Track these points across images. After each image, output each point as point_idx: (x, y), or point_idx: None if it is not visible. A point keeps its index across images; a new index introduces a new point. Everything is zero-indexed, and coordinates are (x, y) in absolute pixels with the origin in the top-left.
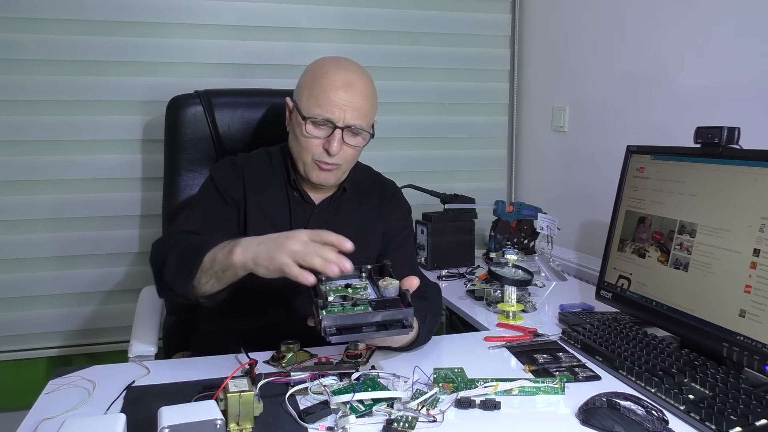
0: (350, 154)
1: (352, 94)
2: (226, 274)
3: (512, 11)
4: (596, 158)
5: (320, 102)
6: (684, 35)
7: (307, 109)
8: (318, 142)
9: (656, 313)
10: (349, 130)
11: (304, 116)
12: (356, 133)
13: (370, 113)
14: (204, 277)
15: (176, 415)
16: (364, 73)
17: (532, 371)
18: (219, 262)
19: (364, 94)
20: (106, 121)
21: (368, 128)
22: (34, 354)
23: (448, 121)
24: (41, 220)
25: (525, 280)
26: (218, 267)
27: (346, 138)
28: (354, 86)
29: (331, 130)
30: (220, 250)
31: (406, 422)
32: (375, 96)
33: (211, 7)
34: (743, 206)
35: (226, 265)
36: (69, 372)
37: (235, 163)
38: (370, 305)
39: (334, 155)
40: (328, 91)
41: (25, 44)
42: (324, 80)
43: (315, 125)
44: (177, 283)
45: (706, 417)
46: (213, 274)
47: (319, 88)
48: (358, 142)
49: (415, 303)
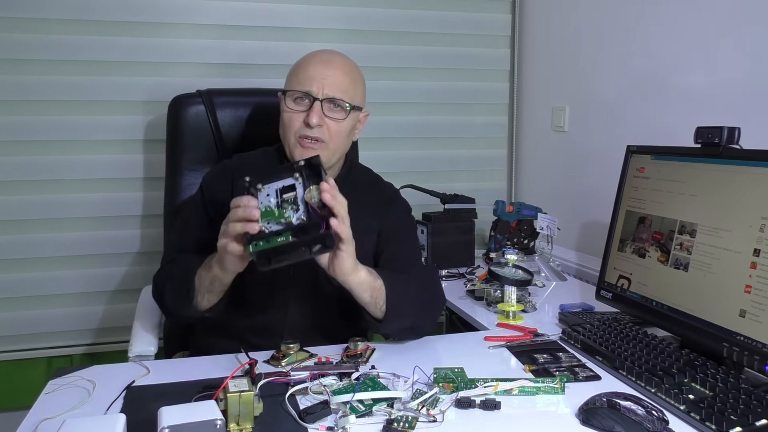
0: (334, 130)
1: (331, 68)
2: (214, 285)
3: (512, 11)
4: (596, 158)
5: (300, 78)
6: (684, 35)
7: (289, 86)
8: (298, 116)
9: (656, 313)
10: (329, 102)
11: (285, 91)
12: (337, 105)
13: (352, 90)
14: (200, 295)
15: (176, 415)
16: (347, 58)
17: (532, 371)
18: (204, 277)
19: (344, 70)
20: (107, 121)
21: (351, 102)
22: (34, 354)
23: (448, 121)
24: (41, 220)
25: (525, 280)
26: (207, 282)
27: (327, 111)
28: (333, 62)
29: (311, 103)
30: (203, 267)
31: (406, 422)
32: (358, 76)
33: (212, 6)
34: (743, 206)
35: (211, 278)
36: (69, 372)
37: (226, 166)
38: (291, 234)
39: (314, 127)
40: (306, 67)
41: (25, 44)
42: (304, 60)
43: (295, 100)
44: (180, 308)
45: (706, 417)
46: (205, 289)
47: (298, 67)
48: (339, 115)
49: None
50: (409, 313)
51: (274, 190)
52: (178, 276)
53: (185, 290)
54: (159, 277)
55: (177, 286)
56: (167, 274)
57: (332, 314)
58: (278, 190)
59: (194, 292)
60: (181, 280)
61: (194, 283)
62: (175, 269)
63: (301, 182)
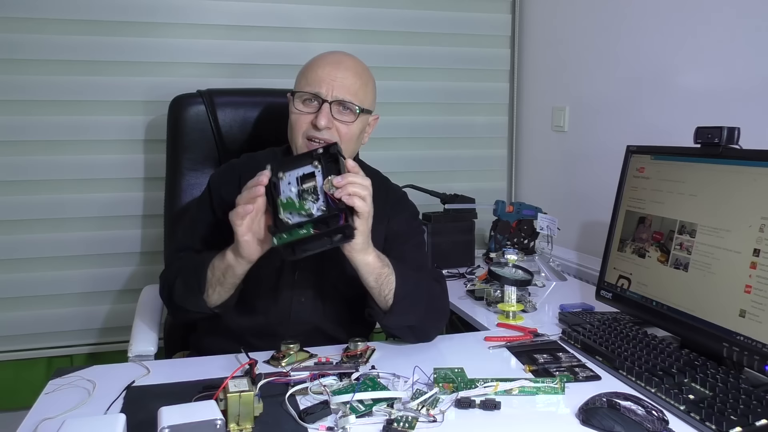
0: (344, 132)
1: (341, 70)
2: (227, 276)
3: (512, 11)
4: (596, 158)
5: (309, 79)
6: (684, 35)
7: (298, 88)
8: (306, 118)
9: (656, 313)
10: (338, 104)
11: (294, 92)
12: (347, 107)
13: (362, 92)
14: (210, 288)
15: (176, 415)
16: (357, 59)
17: (532, 371)
18: (217, 268)
19: (354, 71)
20: (107, 121)
21: (361, 105)
22: (34, 354)
23: (448, 121)
24: (41, 220)
25: (525, 280)
26: (219, 273)
27: (336, 113)
28: (343, 64)
29: (320, 105)
30: (216, 258)
31: (406, 422)
32: (368, 79)
33: (212, 6)
34: (743, 206)
35: (225, 267)
36: (69, 372)
37: (233, 166)
38: (312, 226)
39: (322, 129)
40: (316, 68)
41: (25, 44)
42: (314, 62)
43: (304, 102)
44: (189, 302)
45: (706, 417)
46: (216, 282)
47: (308, 68)
48: (349, 118)
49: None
50: (415, 312)
51: (294, 178)
52: (188, 270)
53: (196, 284)
54: (167, 275)
55: (187, 279)
56: (176, 270)
57: (336, 316)
58: (298, 177)
59: (205, 285)
60: (191, 274)
61: (206, 277)
62: (185, 265)
63: (320, 170)
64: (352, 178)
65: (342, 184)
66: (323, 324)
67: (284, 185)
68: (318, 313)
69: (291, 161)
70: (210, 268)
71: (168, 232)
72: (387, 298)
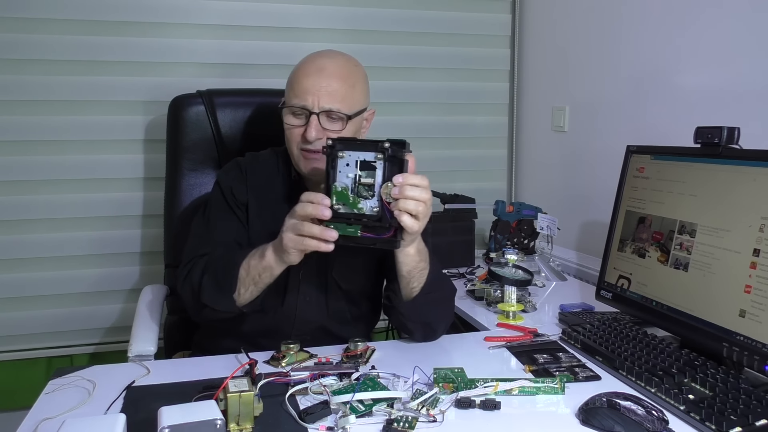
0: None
1: (324, 78)
2: (263, 276)
3: (512, 11)
4: (596, 158)
5: (296, 91)
6: (684, 35)
7: (287, 101)
8: (297, 131)
9: (656, 313)
10: (326, 115)
11: (283, 107)
12: (334, 116)
13: (350, 96)
14: (243, 287)
15: (176, 415)
16: (343, 59)
17: (532, 371)
18: (254, 267)
19: (338, 76)
20: (107, 121)
21: (350, 112)
22: (34, 354)
23: (448, 121)
24: (41, 220)
25: (525, 280)
26: (254, 273)
27: (325, 124)
28: (326, 70)
29: (308, 118)
30: (252, 257)
31: (406, 422)
32: (356, 79)
33: (212, 6)
34: (743, 206)
35: (262, 268)
36: (69, 372)
37: (239, 163)
38: (361, 229)
39: (312, 141)
40: (300, 79)
41: (25, 44)
42: (298, 70)
43: (294, 115)
44: (219, 301)
45: (706, 417)
46: (251, 281)
47: (294, 79)
48: (337, 127)
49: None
50: (434, 311)
51: (354, 160)
52: (219, 269)
53: (227, 282)
54: (192, 271)
55: (219, 278)
56: (202, 269)
57: (341, 316)
58: (359, 161)
59: (236, 284)
60: (222, 272)
61: (238, 275)
62: (212, 262)
63: (381, 164)
64: (409, 192)
65: (398, 197)
66: (328, 323)
67: (342, 165)
68: (323, 311)
69: (355, 143)
70: (244, 267)
71: (168, 232)
72: (413, 289)
